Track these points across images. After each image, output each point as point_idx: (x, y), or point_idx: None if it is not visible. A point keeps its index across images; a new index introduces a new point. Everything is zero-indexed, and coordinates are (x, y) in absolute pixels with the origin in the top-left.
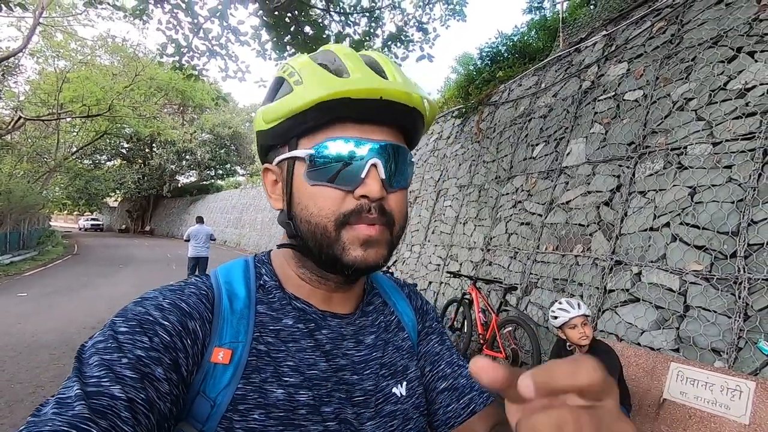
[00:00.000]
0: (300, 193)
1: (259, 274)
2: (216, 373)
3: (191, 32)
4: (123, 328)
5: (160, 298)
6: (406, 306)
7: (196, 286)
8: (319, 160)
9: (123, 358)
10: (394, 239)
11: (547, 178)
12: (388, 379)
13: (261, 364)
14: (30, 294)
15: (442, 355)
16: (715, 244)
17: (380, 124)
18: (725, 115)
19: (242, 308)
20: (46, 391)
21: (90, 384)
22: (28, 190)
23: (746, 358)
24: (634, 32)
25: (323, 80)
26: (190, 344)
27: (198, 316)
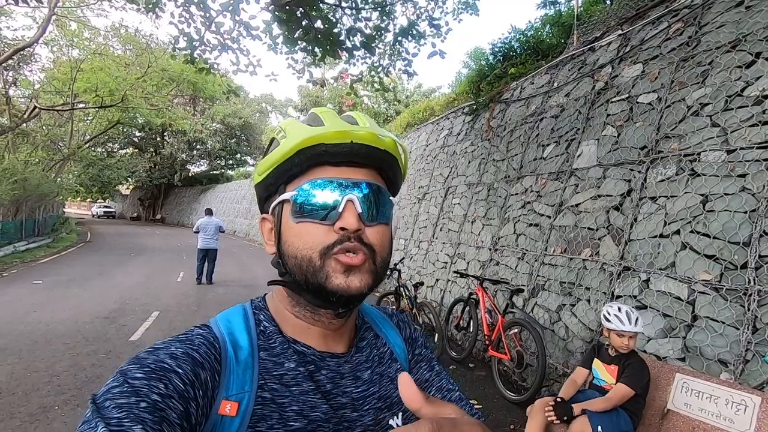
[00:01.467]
0: (287, 232)
1: (258, 320)
2: (224, 424)
3: (203, 26)
4: (138, 374)
5: (172, 348)
6: (396, 336)
7: (204, 337)
8: (301, 199)
9: (141, 402)
10: (377, 268)
11: (557, 180)
12: (384, 411)
13: (266, 412)
14: (45, 282)
15: (431, 381)
16: (725, 254)
17: (355, 166)
18: (741, 122)
19: (246, 357)
20: (61, 380)
21: (112, 424)
22: (44, 178)
23: (753, 370)
24: (650, 33)
25: (301, 131)
26: (201, 395)
27: (209, 367)
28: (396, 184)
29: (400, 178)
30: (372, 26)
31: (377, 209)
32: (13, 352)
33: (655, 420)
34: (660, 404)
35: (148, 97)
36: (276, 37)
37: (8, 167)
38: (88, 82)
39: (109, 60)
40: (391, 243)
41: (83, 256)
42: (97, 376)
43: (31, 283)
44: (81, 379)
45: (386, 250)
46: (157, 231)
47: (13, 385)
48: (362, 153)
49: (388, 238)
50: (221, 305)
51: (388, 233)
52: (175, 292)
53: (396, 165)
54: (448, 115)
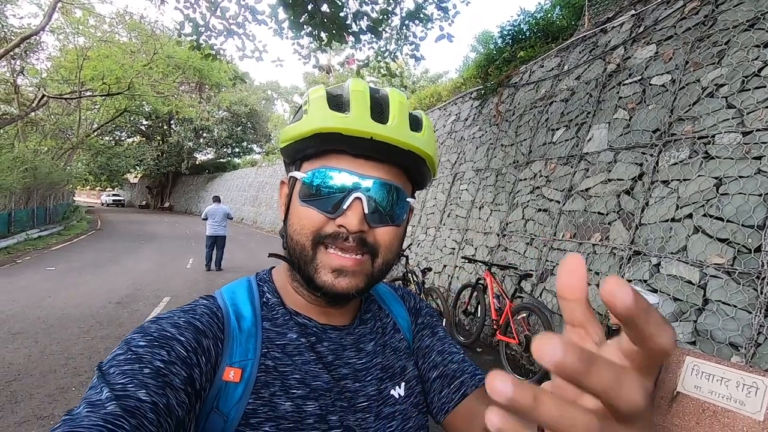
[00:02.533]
0: (293, 210)
1: (262, 292)
2: (228, 390)
3: (208, 11)
4: (142, 343)
5: (174, 317)
6: (401, 307)
7: (207, 307)
8: (311, 183)
9: (144, 368)
10: (375, 271)
11: (567, 164)
12: (386, 381)
13: (269, 379)
14: (58, 268)
15: (432, 347)
16: (739, 238)
17: (376, 161)
18: (758, 103)
19: (249, 327)
20: (77, 362)
21: (117, 389)
22: (53, 167)
23: (765, 353)
24: (664, 12)
25: (322, 114)
26: (204, 361)
27: (211, 335)
28: (422, 182)
29: (428, 176)
30: (379, 9)
31: (388, 211)
32: (30, 336)
33: (665, 403)
34: (670, 387)
35: (155, 85)
36: (282, 22)
37: (19, 156)
38: (94, 69)
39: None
40: (400, 244)
41: (94, 244)
42: None
43: (45, 270)
44: (96, 361)
45: (392, 252)
46: (165, 219)
47: (31, 368)
48: (382, 150)
49: (397, 240)
50: None
51: (399, 235)
52: (184, 278)
53: (423, 164)
54: (456, 101)
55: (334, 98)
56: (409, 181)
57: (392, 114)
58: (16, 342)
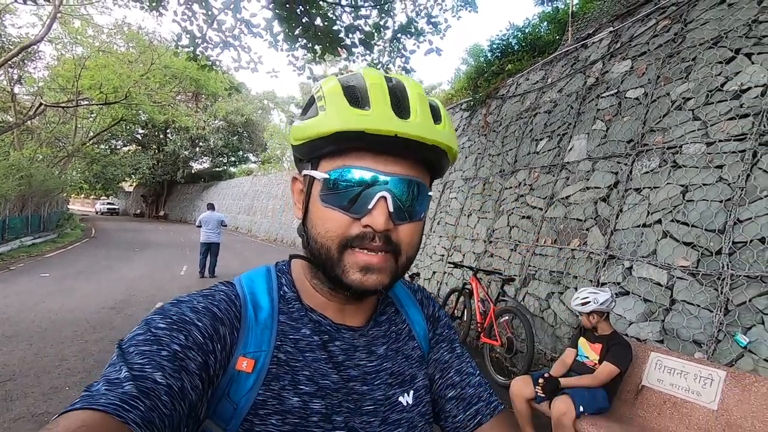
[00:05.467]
0: (313, 211)
1: (280, 283)
2: (240, 379)
3: (205, 24)
4: (161, 325)
5: (194, 301)
6: (418, 314)
7: (226, 294)
8: (333, 185)
9: (162, 351)
10: (399, 268)
11: (549, 173)
12: (395, 388)
13: (280, 373)
14: (52, 275)
15: (451, 363)
16: (702, 241)
17: (398, 157)
18: (720, 116)
19: (266, 318)
20: (70, 364)
21: (135, 369)
22: (48, 174)
23: (724, 350)
24: (639, 30)
25: (342, 112)
26: (219, 348)
27: (228, 323)
28: (440, 172)
29: (447, 166)
30: (371, 24)
31: (411, 207)
32: (24, 339)
33: (631, 396)
34: (636, 381)
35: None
36: (277, 35)
37: (14, 163)
38: (92, 79)
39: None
40: (420, 240)
41: (88, 251)
42: (105, 361)
43: (39, 276)
44: (89, 363)
45: (414, 249)
46: (160, 227)
47: (26, 369)
48: (407, 146)
49: (418, 236)
50: None
51: (419, 231)
52: (179, 284)
53: (444, 156)
54: (447, 111)
55: (349, 90)
56: (428, 172)
57: (413, 107)
58: (10, 344)
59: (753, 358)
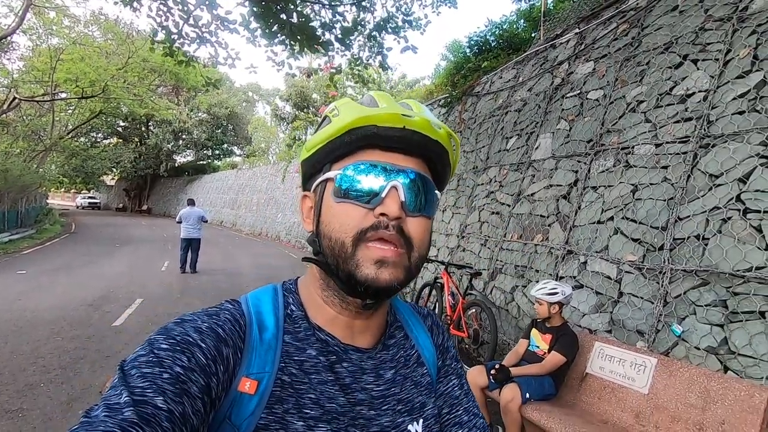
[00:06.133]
0: (326, 212)
1: (287, 303)
2: (242, 401)
3: (181, 19)
4: (164, 346)
5: (198, 321)
6: (428, 340)
7: (230, 313)
8: (345, 179)
9: (164, 373)
10: (412, 265)
11: (517, 171)
12: (404, 415)
13: (284, 395)
14: (29, 272)
15: (461, 401)
16: (648, 238)
17: (405, 153)
18: (668, 119)
19: (270, 339)
20: (46, 361)
21: (135, 393)
22: (25, 169)
23: (662, 339)
24: (601, 32)
25: (354, 110)
26: (222, 370)
27: (231, 344)
28: (444, 179)
29: (449, 173)
30: (351, 19)
31: (422, 200)
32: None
33: (576, 383)
34: (581, 369)
35: (130, 88)
36: (254, 30)
37: None
38: (68, 72)
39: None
40: (430, 238)
41: (68, 247)
42: (81, 357)
43: (16, 273)
44: (65, 360)
45: (425, 245)
46: (143, 222)
47: (0, 367)
48: (414, 140)
49: (428, 234)
50: (204, 293)
51: (429, 228)
52: (159, 280)
53: (446, 158)
54: (426, 107)
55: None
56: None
57: (416, 107)
58: None
59: (686, 345)
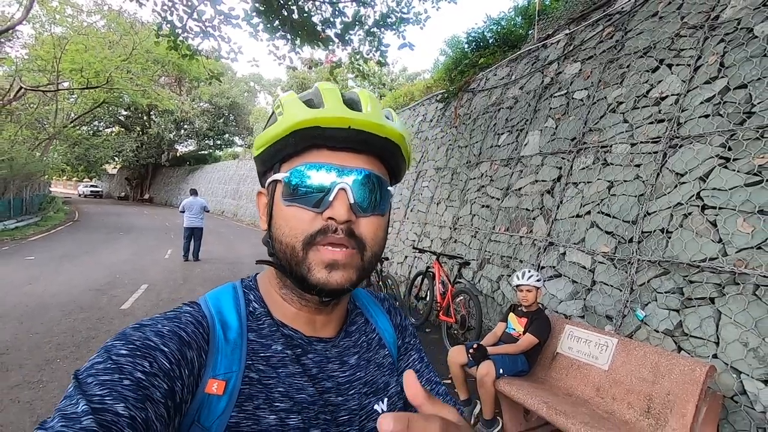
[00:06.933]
0: (277, 214)
1: (248, 300)
2: (210, 403)
3: (185, 14)
4: (123, 351)
5: (158, 325)
6: (387, 322)
7: (192, 315)
8: (293, 182)
9: (124, 380)
10: (365, 264)
11: (507, 166)
12: (370, 396)
13: (253, 392)
14: (37, 258)
15: (422, 372)
16: (620, 231)
17: (354, 152)
18: (643, 120)
19: (235, 337)
20: (60, 339)
21: (94, 402)
22: (30, 157)
23: (628, 323)
24: (589, 34)
25: (298, 111)
26: (186, 374)
27: (195, 346)
28: (398, 173)
29: (404, 166)
30: (351, 15)
31: (373, 199)
32: (14, 318)
33: (548, 361)
34: (552, 349)
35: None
36: (256, 25)
37: None
38: (73, 62)
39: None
40: (385, 235)
41: (72, 235)
42: (93, 337)
43: (24, 259)
44: (78, 338)
45: (378, 244)
46: (145, 211)
47: (18, 344)
48: (360, 139)
49: (383, 231)
50: (206, 280)
51: (383, 225)
52: (162, 267)
53: (399, 153)
54: (424, 102)
55: (305, 97)
56: (386, 171)
57: (365, 104)
58: (1, 323)
59: (647, 329)
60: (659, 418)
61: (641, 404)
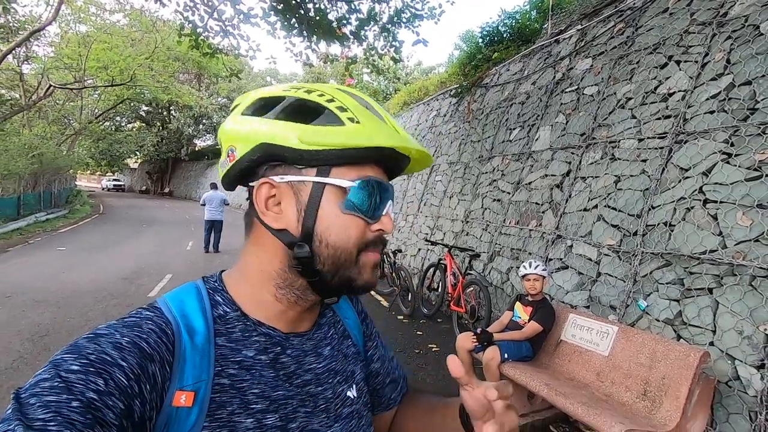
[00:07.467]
0: (330, 219)
1: (215, 302)
2: (179, 416)
3: (206, 13)
4: (74, 367)
5: (117, 335)
6: (350, 310)
7: (154, 323)
8: (359, 194)
9: (73, 401)
10: None
11: (518, 161)
12: (342, 384)
13: (226, 398)
14: (68, 249)
15: (386, 354)
16: (625, 224)
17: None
18: (651, 116)
19: (203, 344)
20: (95, 323)
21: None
22: (58, 152)
23: (630, 312)
24: (600, 30)
25: (383, 130)
26: (148, 389)
27: (158, 359)
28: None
29: None
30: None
31: None
32: (51, 304)
33: (552, 348)
34: (557, 336)
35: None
36: (273, 23)
37: (26, 142)
38: (98, 60)
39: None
40: None
41: (99, 227)
42: None
43: (56, 249)
44: None
45: None
46: (165, 204)
47: (57, 327)
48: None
49: None
50: None
51: None
52: (185, 258)
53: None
54: (438, 97)
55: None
56: None
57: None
58: (40, 308)
59: (648, 318)
60: (654, 401)
61: (638, 388)
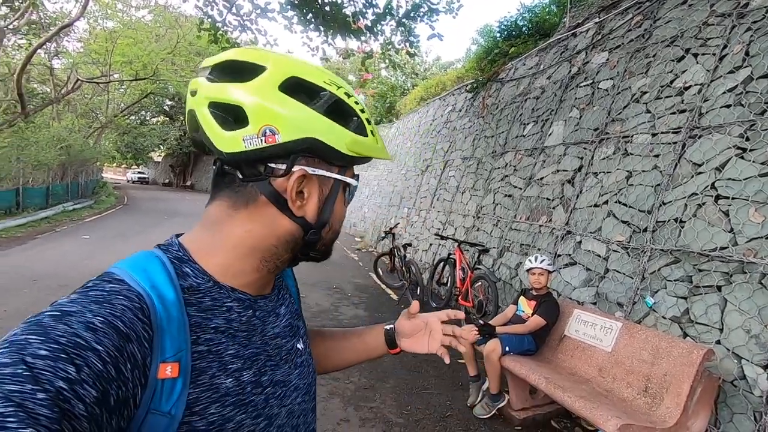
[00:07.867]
0: (338, 210)
1: (184, 273)
2: (165, 387)
3: (225, 9)
4: (42, 352)
5: (88, 314)
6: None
7: (127, 298)
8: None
9: (39, 392)
10: None
11: (531, 156)
12: (294, 338)
13: (205, 364)
14: (92, 237)
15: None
16: (635, 220)
17: None
18: (666, 110)
19: (178, 315)
20: None
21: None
22: (85, 145)
23: (637, 309)
24: (618, 23)
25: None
26: (129, 369)
27: (135, 337)
28: None
29: None
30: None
31: None
32: (74, 289)
33: (555, 343)
34: (560, 332)
35: (177, 70)
36: (290, 18)
37: (55, 135)
38: (123, 55)
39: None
40: None
41: (123, 217)
42: None
43: (81, 238)
44: None
45: None
46: (187, 197)
47: None
48: None
49: None
50: None
51: None
52: None
53: None
54: (454, 92)
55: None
56: None
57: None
58: (66, 291)
59: (655, 315)
60: (656, 397)
61: (640, 384)
